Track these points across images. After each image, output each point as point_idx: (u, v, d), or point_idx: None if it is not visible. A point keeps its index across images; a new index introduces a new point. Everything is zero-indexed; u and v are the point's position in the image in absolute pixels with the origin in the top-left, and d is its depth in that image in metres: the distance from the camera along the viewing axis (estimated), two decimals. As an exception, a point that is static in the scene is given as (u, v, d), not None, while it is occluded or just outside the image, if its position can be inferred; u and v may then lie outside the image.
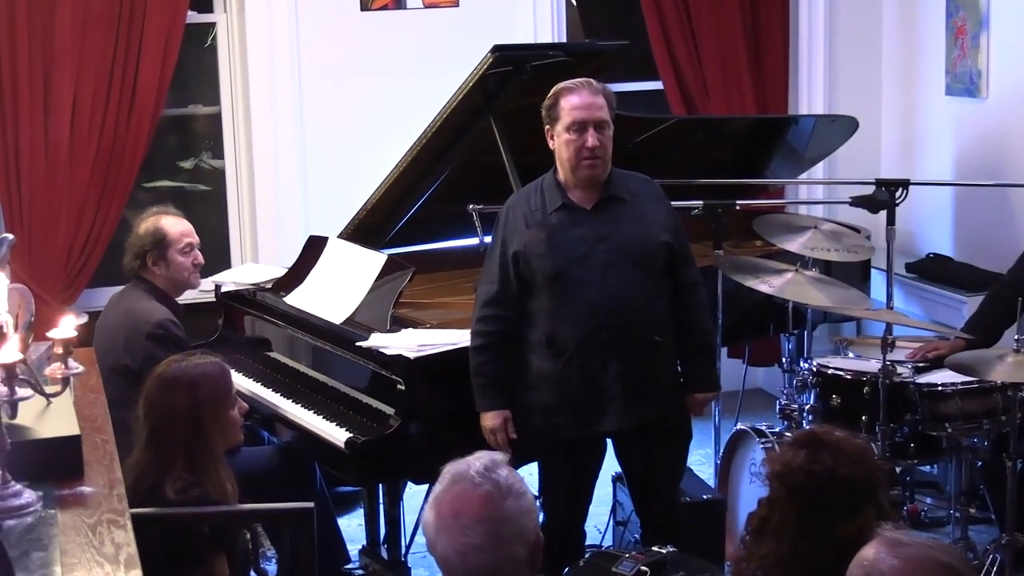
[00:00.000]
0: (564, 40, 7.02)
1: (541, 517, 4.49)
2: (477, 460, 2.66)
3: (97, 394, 3.95)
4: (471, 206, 5.12)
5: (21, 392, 2.97)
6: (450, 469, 2.67)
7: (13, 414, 3.02)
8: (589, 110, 4.17)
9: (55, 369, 3.21)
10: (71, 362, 3.23)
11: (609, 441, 4.48)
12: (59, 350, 3.20)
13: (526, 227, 4.26)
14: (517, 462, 4.55)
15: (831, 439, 3.10)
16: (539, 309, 4.26)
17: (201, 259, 5.17)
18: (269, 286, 5.34)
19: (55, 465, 3.20)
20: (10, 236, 3.55)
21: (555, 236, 4.22)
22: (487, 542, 2.54)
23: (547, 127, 4.26)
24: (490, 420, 4.29)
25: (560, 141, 4.22)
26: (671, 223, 4.35)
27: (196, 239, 5.17)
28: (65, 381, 3.23)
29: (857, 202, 5.67)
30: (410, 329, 4.63)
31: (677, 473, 4.57)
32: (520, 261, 4.25)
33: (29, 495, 2.99)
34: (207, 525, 3.60)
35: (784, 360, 5.83)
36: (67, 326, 3.22)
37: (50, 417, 3.34)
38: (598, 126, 4.17)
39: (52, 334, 3.19)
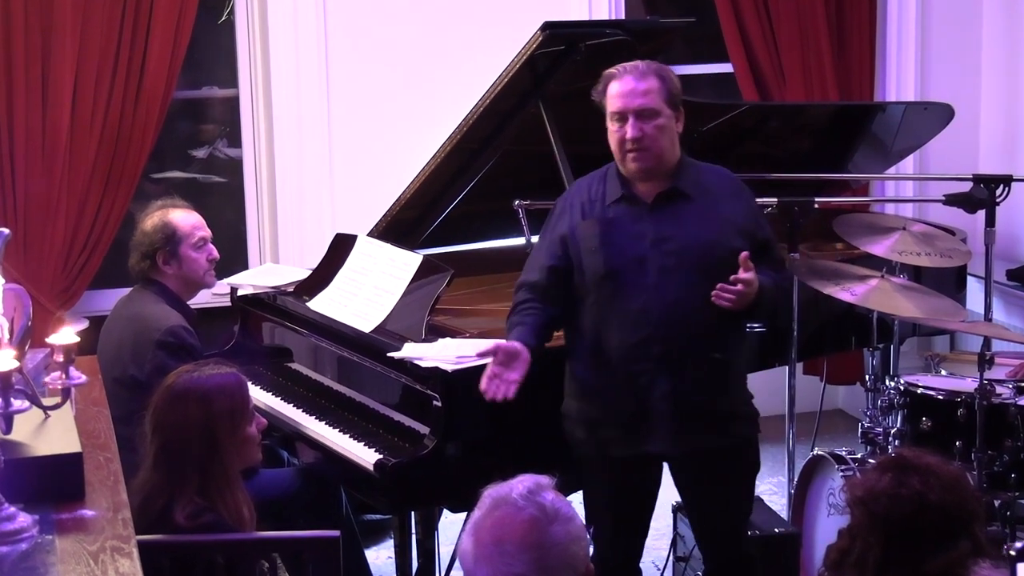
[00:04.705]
0: (623, 17, 7.04)
1: (591, 549, 4.51)
2: (520, 483, 2.69)
3: (100, 407, 3.99)
4: (517, 202, 5.14)
5: (17, 404, 3.00)
6: (490, 493, 2.69)
7: (8, 429, 3.05)
8: (629, 97, 4.16)
9: (55, 379, 3.23)
10: (72, 371, 3.25)
11: (666, 466, 4.48)
12: (59, 358, 3.22)
13: (582, 217, 4.27)
14: (562, 489, 4.60)
15: (921, 463, 3.10)
16: (586, 313, 4.27)
17: (216, 254, 5.23)
18: (291, 289, 5.37)
19: (53, 486, 3.23)
20: (5, 231, 3.57)
21: (611, 231, 4.22)
22: (532, 571, 2.56)
23: (606, 117, 4.30)
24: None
25: (609, 132, 4.24)
26: (749, 223, 4.30)
27: (209, 232, 5.23)
28: (66, 392, 3.25)
29: (952, 200, 5.66)
30: (448, 339, 4.65)
31: (741, 507, 4.53)
32: (568, 247, 4.26)
33: (24, 519, 3.03)
34: (221, 554, 3.62)
35: (867, 378, 5.80)
36: (67, 332, 3.24)
37: (48, 432, 3.38)
38: (640, 114, 4.15)
39: (52, 340, 3.21)
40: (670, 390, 4.18)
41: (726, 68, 7.18)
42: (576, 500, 4.39)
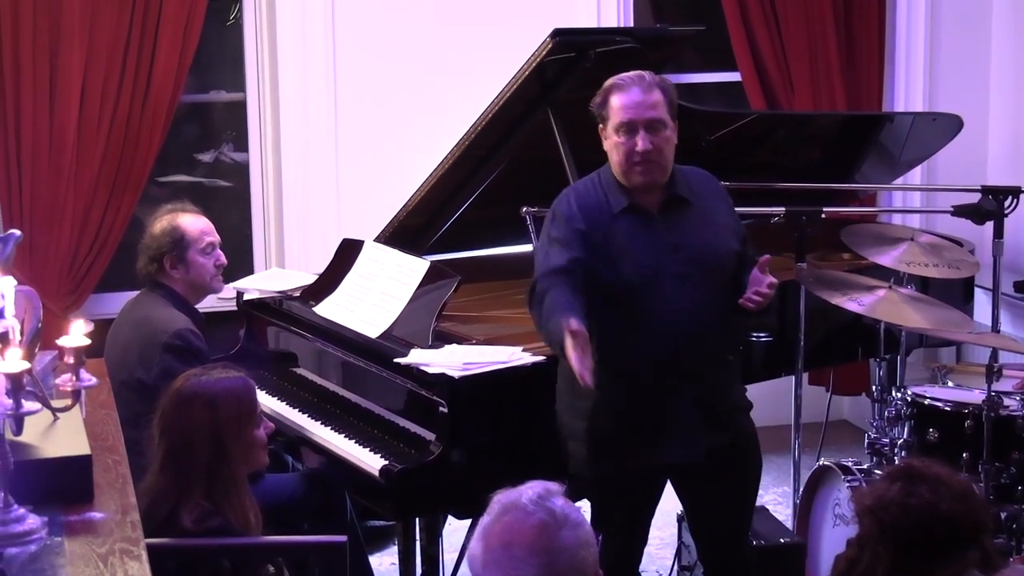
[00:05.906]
0: (631, 24, 7.06)
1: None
2: (530, 489, 2.71)
3: (109, 410, 4.00)
4: (525, 208, 5.15)
5: (27, 406, 3.01)
6: (500, 498, 2.71)
7: (18, 430, 3.06)
8: (639, 109, 4.14)
9: (65, 381, 3.24)
10: (83, 373, 3.26)
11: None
12: (70, 359, 3.22)
13: (589, 226, 4.17)
14: (571, 495, 4.60)
15: (930, 472, 3.11)
16: (598, 325, 4.19)
17: (224, 259, 5.26)
18: (297, 294, 5.39)
19: (63, 488, 3.25)
20: (17, 232, 3.59)
21: (625, 243, 4.18)
22: (541, 576, 2.59)
23: (600, 126, 4.26)
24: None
25: (610, 143, 4.20)
26: (736, 225, 4.35)
27: (217, 238, 5.26)
28: (76, 394, 3.26)
29: (960, 211, 5.67)
30: (454, 345, 4.67)
31: (745, 510, 4.52)
32: (588, 247, 4.13)
33: (33, 520, 3.04)
34: (227, 558, 3.63)
35: (874, 388, 5.81)
36: (78, 332, 3.25)
37: (58, 434, 3.40)
38: (650, 126, 4.13)
39: (62, 341, 3.22)
40: (693, 396, 4.18)
41: (734, 76, 7.20)
42: (585, 507, 4.41)
